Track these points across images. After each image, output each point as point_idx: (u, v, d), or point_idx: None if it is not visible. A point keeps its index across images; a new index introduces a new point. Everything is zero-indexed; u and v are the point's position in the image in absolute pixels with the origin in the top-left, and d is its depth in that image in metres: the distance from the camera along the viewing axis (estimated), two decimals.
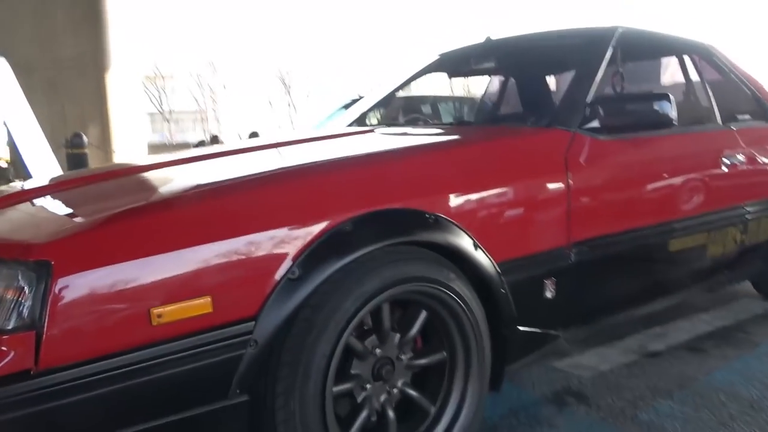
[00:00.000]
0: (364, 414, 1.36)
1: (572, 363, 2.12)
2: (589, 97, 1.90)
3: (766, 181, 2.54)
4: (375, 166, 1.52)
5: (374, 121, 2.88)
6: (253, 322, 1.15)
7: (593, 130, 1.85)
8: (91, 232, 1.09)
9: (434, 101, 6.10)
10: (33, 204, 1.45)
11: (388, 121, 3.11)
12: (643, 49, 2.29)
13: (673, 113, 1.83)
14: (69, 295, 1.00)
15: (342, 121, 2.71)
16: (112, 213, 1.15)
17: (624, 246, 1.88)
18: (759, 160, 2.49)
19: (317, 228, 1.24)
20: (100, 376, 1.01)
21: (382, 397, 1.40)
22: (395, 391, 1.43)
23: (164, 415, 1.08)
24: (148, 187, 1.51)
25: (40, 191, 1.55)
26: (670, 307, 2.76)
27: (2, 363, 0.96)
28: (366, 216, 1.31)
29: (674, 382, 1.92)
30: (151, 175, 1.62)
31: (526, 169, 1.68)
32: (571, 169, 1.72)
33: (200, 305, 1.10)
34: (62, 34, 7.90)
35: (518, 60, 2.47)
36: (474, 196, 1.53)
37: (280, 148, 1.90)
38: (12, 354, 0.96)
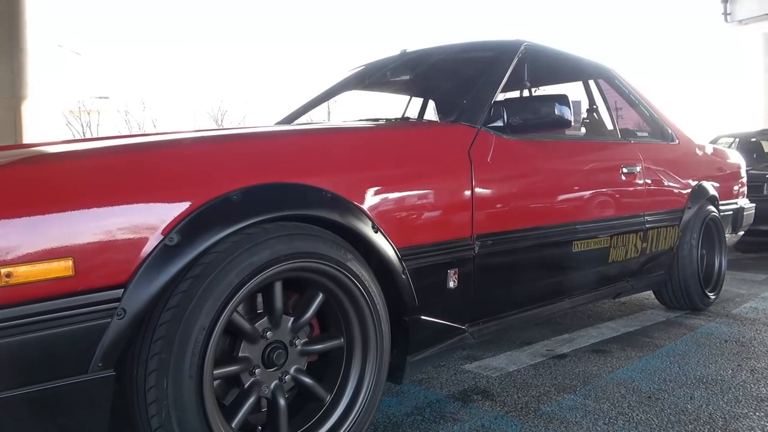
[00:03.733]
0: (250, 400, 1.27)
1: (481, 365, 2.10)
2: (494, 99, 1.95)
3: (663, 194, 2.69)
4: (272, 140, 1.48)
5: None
6: (122, 290, 1.06)
7: (498, 129, 1.89)
8: None
9: None
10: None
11: None
12: (547, 64, 2.40)
13: (571, 115, 1.91)
14: None
15: None
16: None
17: (527, 243, 1.90)
18: (656, 174, 2.64)
19: (201, 195, 1.17)
20: None
21: (273, 384, 1.32)
22: (288, 378, 1.35)
23: (13, 387, 0.96)
24: (22, 153, 1.40)
25: None
26: (577, 316, 2.85)
27: None
28: (257, 187, 1.26)
29: (578, 380, 1.93)
30: (37, 148, 1.51)
31: (430, 159, 1.68)
32: (475, 163, 1.74)
33: (59, 268, 1.00)
34: None
35: (433, 69, 2.53)
36: (376, 180, 1.50)
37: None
38: None
